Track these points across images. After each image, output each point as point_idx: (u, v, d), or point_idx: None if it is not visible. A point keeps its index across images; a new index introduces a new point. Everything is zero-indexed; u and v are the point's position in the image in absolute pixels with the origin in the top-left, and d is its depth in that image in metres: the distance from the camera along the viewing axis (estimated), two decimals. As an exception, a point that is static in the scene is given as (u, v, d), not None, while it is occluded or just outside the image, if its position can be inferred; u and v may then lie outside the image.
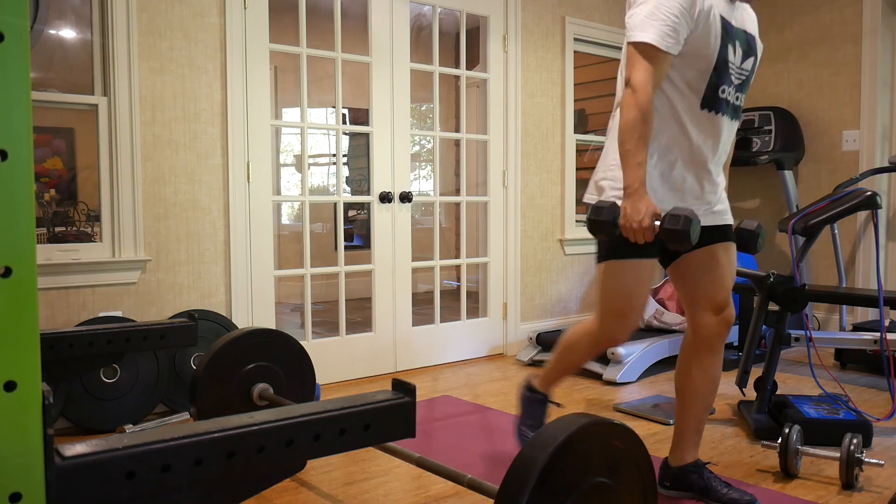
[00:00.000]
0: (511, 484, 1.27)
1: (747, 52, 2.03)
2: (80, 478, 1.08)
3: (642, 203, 1.84)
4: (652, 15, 1.87)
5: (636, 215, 1.84)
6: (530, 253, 4.38)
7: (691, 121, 1.98)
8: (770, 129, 4.59)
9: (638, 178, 1.86)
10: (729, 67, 1.97)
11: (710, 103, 1.97)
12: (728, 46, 1.95)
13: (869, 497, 2.20)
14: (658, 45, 1.86)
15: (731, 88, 2.00)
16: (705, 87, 1.95)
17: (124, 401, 2.88)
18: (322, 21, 4.60)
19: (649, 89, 1.87)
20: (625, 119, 1.88)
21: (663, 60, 1.89)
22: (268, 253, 3.37)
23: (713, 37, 1.91)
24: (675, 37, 1.87)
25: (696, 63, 1.93)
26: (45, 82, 3.50)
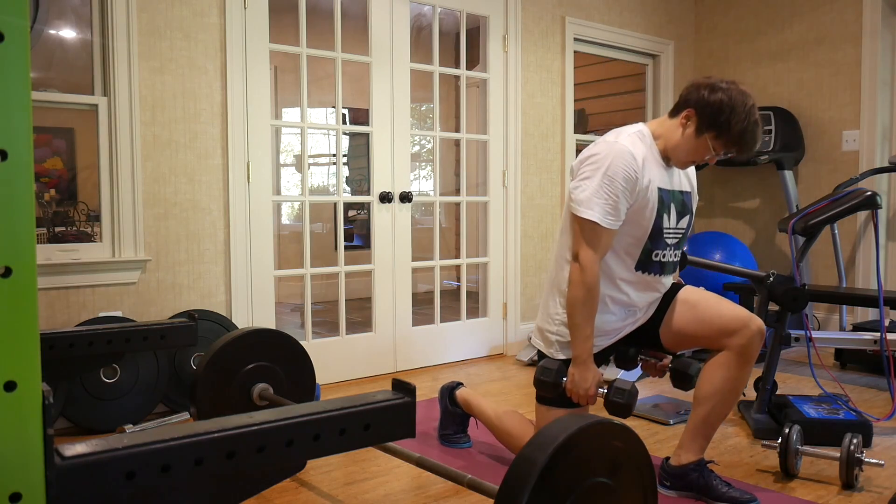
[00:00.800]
0: (511, 484, 1.27)
1: (682, 212, 2.19)
2: (80, 478, 1.08)
3: (589, 373, 2.06)
4: (597, 192, 2.02)
5: (583, 383, 2.06)
6: (530, 253, 4.38)
7: (626, 280, 2.15)
8: (770, 129, 4.59)
9: (586, 350, 2.06)
10: (664, 233, 2.13)
11: (644, 266, 2.14)
12: (663, 216, 2.11)
13: (869, 497, 2.20)
14: (602, 224, 2.02)
15: (665, 251, 2.15)
16: (640, 253, 2.12)
17: (124, 401, 2.88)
18: (322, 21, 4.60)
19: (596, 268, 2.05)
20: (572, 294, 2.06)
21: (607, 236, 2.06)
22: (268, 253, 3.37)
23: (649, 210, 2.08)
24: (615, 215, 2.04)
25: (633, 231, 2.10)
26: (45, 82, 3.50)
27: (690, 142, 2.09)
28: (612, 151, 2.03)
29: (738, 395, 2.14)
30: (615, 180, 2.01)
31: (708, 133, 2.06)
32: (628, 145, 2.05)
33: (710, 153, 2.09)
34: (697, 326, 2.14)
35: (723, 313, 2.10)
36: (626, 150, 2.03)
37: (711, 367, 2.12)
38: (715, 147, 2.07)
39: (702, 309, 2.14)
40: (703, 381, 2.14)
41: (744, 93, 2.05)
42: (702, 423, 2.14)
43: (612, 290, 2.15)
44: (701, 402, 2.14)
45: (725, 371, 2.09)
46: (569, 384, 2.08)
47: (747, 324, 2.06)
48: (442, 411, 2.67)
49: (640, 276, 2.14)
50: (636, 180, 2.02)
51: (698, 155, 2.11)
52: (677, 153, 2.12)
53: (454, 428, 2.65)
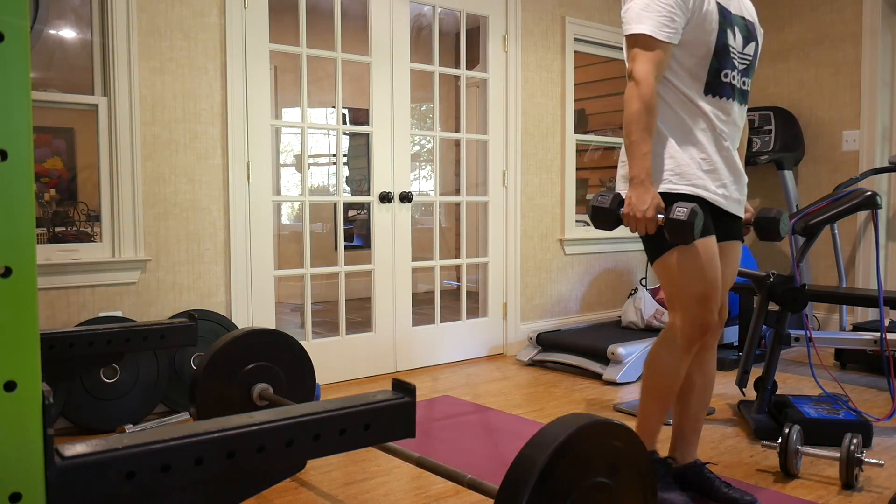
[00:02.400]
0: (511, 484, 1.27)
1: (748, 37, 2.02)
2: (80, 478, 1.08)
3: (648, 194, 1.85)
4: (647, 7, 1.88)
5: (641, 205, 1.85)
6: (530, 253, 4.38)
7: (699, 106, 1.96)
8: (770, 129, 4.59)
9: (644, 169, 1.86)
10: (730, 52, 1.96)
11: (714, 89, 1.96)
12: (727, 31, 1.95)
13: (869, 497, 2.20)
14: (656, 36, 1.87)
15: (734, 73, 1.99)
16: (707, 74, 1.95)
17: (124, 401, 2.88)
18: (322, 21, 4.60)
19: (651, 80, 1.87)
20: (629, 111, 1.88)
21: (663, 50, 1.89)
22: (268, 253, 3.37)
23: (711, 23, 1.91)
24: (672, 26, 1.88)
25: (696, 50, 1.93)
26: (45, 82, 3.50)
27: None
28: None
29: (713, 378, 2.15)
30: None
31: None
32: None
33: None
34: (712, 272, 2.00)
35: None
36: None
37: None
38: None
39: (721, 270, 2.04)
40: None
41: None
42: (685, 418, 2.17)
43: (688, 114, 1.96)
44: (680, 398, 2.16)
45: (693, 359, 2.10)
46: (626, 207, 1.88)
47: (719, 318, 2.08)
48: None
49: (711, 101, 1.97)
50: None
51: None
52: None
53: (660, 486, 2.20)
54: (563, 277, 4.56)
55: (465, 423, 2.93)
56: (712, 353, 2.15)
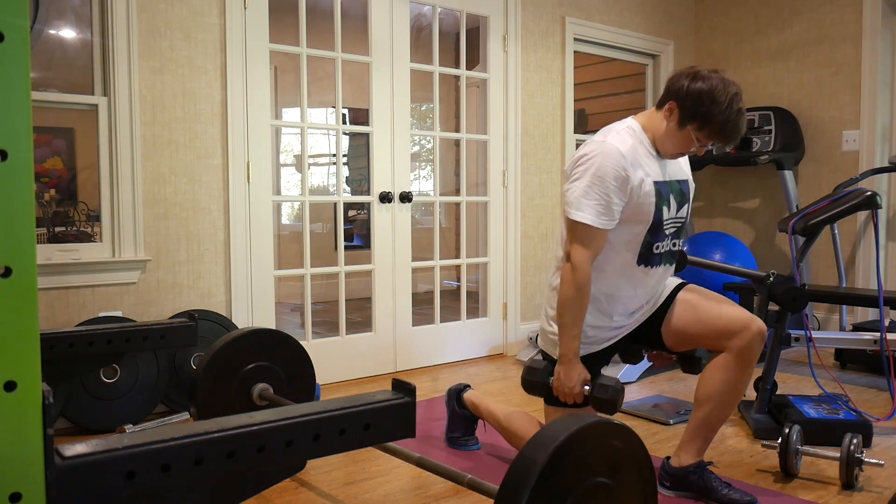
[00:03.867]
0: (511, 484, 1.27)
1: (681, 201, 2.16)
2: (80, 478, 1.08)
3: (574, 371, 2.04)
4: (586, 194, 2.00)
5: (569, 382, 2.05)
6: (530, 253, 4.38)
7: (627, 275, 2.13)
8: (770, 129, 4.59)
9: (572, 349, 2.05)
10: (663, 225, 2.10)
11: (646, 260, 2.12)
12: (662, 208, 2.08)
13: (869, 497, 2.20)
14: (594, 225, 2.00)
15: (665, 242, 2.14)
16: (640, 247, 2.10)
17: (124, 401, 2.88)
18: (322, 21, 4.60)
19: (587, 267, 2.03)
20: (563, 295, 2.05)
21: (600, 237, 2.04)
22: (268, 253, 3.37)
23: (647, 205, 2.04)
24: (608, 214, 2.01)
25: (632, 227, 2.08)
26: (45, 82, 3.50)
27: (675, 134, 2.05)
28: (601, 151, 2.00)
29: (739, 397, 2.12)
30: (605, 180, 1.98)
31: (690, 125, 2.01)
32: (617, 144, 2.02)
33: (694, 144, 2.05)
34: (698, 327, 2.13)
35: (723, 314, 2.09)
36: (614, 150, 2.00)
37: (711, 369, 2.11)
38: (699, 138, 2.03)
39: (703, 309, 2.13)
40: (703, 383, 2.13)
41: (726, 81, 1.98)
42: (702, 424, 2.14)
43: (614, 287, 2.13)
44: (701, 404, 2.13)
45: (725, 373, 2.08)
46: (555, 382, 2.08)
47: (748, 325, 2.05)
48: (449, 414, 2.66)
49: (642, 270, 2.13)
50: (627, 178, 1.99)
51: (684, 146, 2.07)
52: (664, 145, 2.09)
53: (462, 430, 2.64)
54: (563, 277, 4.55)
55: (465, 423, 2.93)
56: (751, 371, 2.12)
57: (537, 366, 2.16)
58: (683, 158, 2.25)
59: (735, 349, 2.06)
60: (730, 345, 2.07)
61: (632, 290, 2.14)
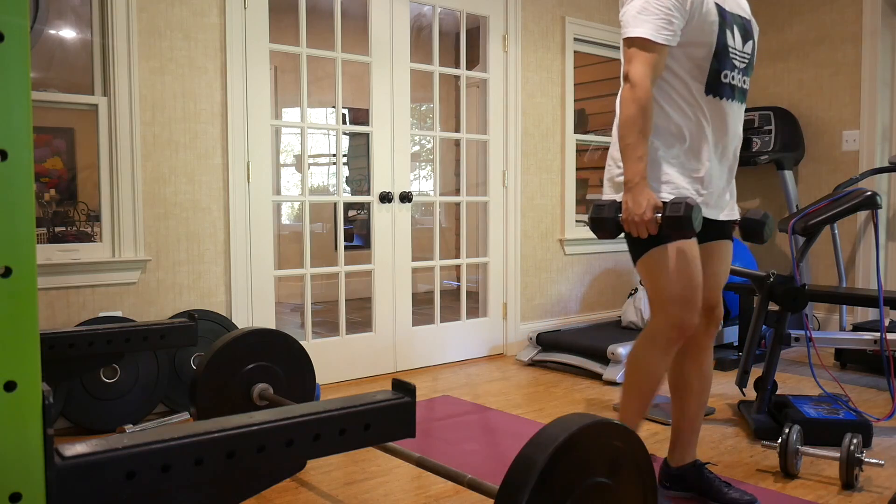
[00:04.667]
0: (511, 484, 1.27)
1: (745, 35, 2.03)
2: (80, 478, 1.08)
3: (643, 196, 1.85)
4: (644, 10, 1.88)
5: (637, 209, 1.85)
6: (530, 253, 4.38)
7: (698, 107, 1.96)
8: (770, 129, 4.59)
9: (638, 173, 1.86)
10: (730, 52, 1.97)
11: (715, 89, 1.96)
12: (727, 32, 1.95)
13: (869, 497, 2.20)
14: (653, 39, 1.87)
15: (734, 73, 1.99)
16: (707, 74, 1.95)
17: (124, 401, 2.88)
18: (322, 21, 4.60)
19: (647, 84, 1.87)
20: (624, 114, 1.88)
21: (660, 53, 1.89)
22: (268, 253, 3.37)
23: (710, 24, 1.92)
24: (670, 29, 1.88)
25: (697, 51, 1.93)
26: (45, 82, 3.50)
27: None
28: None
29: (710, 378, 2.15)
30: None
31: None
32: None
33: None
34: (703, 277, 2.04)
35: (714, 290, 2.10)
36: None
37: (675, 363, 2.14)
38: None
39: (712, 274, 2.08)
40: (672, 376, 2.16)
41: None
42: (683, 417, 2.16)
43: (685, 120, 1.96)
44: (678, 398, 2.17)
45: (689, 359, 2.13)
46: (623, 212, 1.88)
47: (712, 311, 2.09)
48: None
49: (711, 102, 1.96)
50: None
51: None
52: None
53: None
54: (563, 277, 4.56)
55: (465, 423, 2.93)
56: (709, 354, 2.15)
57: (602, 205, 1.94)
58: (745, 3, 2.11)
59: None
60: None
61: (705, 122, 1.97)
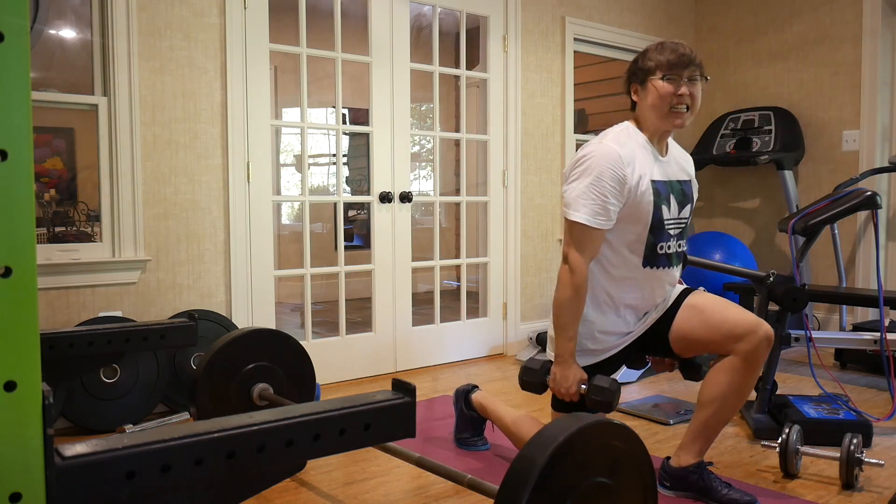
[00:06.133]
0: (511, 484, 1.27)
1: (682, 201, 2.18)
2: (80, 478, 1.08)
3: (570, 371, 2.07)
4: (583, 194, 2.03)
5: (564, 382, 2.08)
6: (530, 253, 4.38)
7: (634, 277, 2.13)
8: (770, 129, 4.59)
9: (568, 350, 2.07)
10: (665, 225, 2.11)
11: (651, 261, 2.13)
12: (662, 207, 2.10)
13: (869, 497, 2.20)
14: (590, 225, 2.03)
15: (670, 242, 2.15)
16: (644, 248, 2.11)
17: (124, 401, 2.88)
18: (322, 21, 4.60)
19: (583, 269, 2.06)
20: (560, 296, 2.07)
21: (596, 237, 2.06)
22: (268, 253, 3.37)
23: (645, 204, 2.07)
24: (605, 214, 2.03)
25: (633, 228, 2.09)
26: (45, 82, 3.50)
27: (646, 101, 2.11)
28: (598, 153, 2.04)
29: (742, 400, 2.11)
30: (602, 180, 2.01)
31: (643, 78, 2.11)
32: (614, 145, 2.05)
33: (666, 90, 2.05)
34: (705, 332, 2.11)
35: (729, 318, 2.07)
36: (611, 150, 2.03)
37: (717, 371, 2.10)
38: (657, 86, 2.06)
39: (709, 314, 2.12)
40: (708, 385, 2.12)
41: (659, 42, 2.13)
42: (703, 426, 2.13)
43: (622, 290, 2.14)
44: (704, 406, 2.12)
45: (730, 376, 2.07)
46: (551, 383, 2.12)
47: (755, 329, 2.04)
48: (457, 415, 2.66)
49: (648, 273, 2.13)
50: (624, 178, 2.02)
51: (663, 104, 2.07)
52: (654, 124, 2.11)
53: (470, 431, 2.64)
54: (563, 277, 4.55)
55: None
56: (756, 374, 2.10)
57: (534, 366, 2.19)
58: (687, 160, 2.27)
59: (742, 353, 2.05)
60: (736, 348, 2.06)
61: (639, 292, 2.15)
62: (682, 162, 2.25)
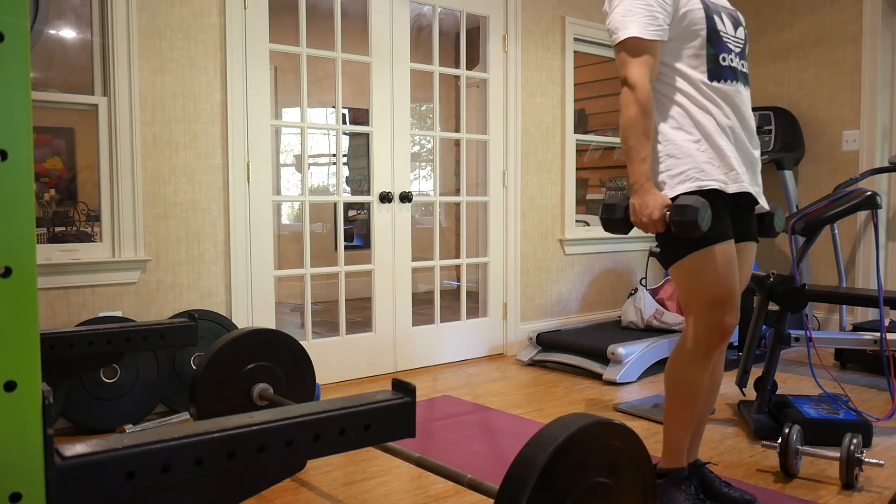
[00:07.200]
0: (511, 484, 1.27)
1: (735, 22, 2.05)
2: (80, 478, 1.08)
3: (649, 197, 1.88)
4: (628, 12, 1.92)
5: (645, 209, 1.88)
6: (530, 253, 4.38)
7: (706, 95, 1.96)
8: (770, 129, 4.59)
9: (643, 174, 1.89)
10: (722, 36, 1.98)
11: (718, 73, 1.96)
12: (714, 18, 1.97)
13: (869, 497, 2.20)
14: (643, 36, 1.90)
15: (731, 56, 1.99)
16: (707, 61, 1.96)
17: (124, 401, 2.88)
18: (322, 21, 4.60)
19: (646, 84, 1.90)
20: (626, 116, 1.91)
21: (653, 50, 1.91)
22: (268, 253, 3.37)
23: (696, 14, 1.94)
24: (656, 23, 1.90)
25: (690, 41, 1.95)
26: (45, 82, 3.50)
27: None
28: None
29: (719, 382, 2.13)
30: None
31: None
32: None
33: None
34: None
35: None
36: None
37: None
38: None
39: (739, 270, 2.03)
40: None
41: None
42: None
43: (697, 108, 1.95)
44: None
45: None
46: (632, 213, 1.92)
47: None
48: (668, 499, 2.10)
49: (717, 88, 1.96)
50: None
51: None
52: None
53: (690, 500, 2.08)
54: (563, 277, 4.56)
55: (465, 423, 2.93)
56: (721, 356, 2.13)
57: (613, 201, 1.98)
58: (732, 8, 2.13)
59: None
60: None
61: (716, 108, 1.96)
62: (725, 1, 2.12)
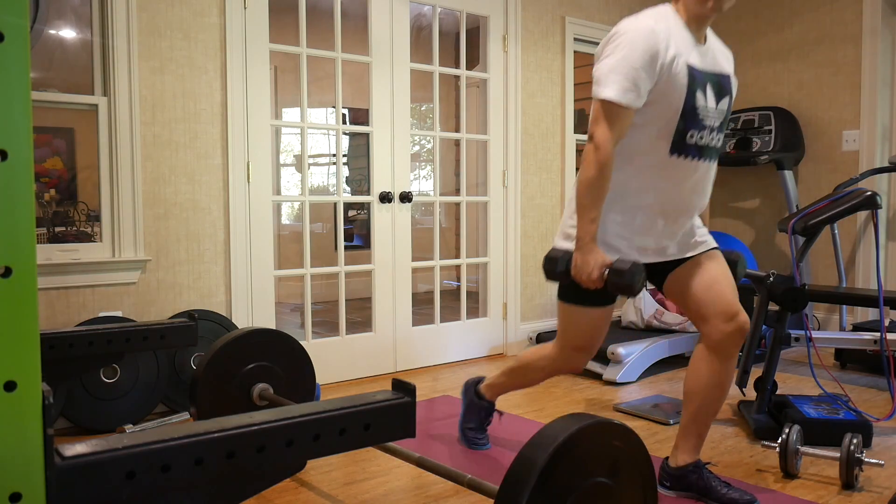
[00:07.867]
0: (511, 484, 1.27)
1: (719, 93, 2.05)
2: (80, 478, 1.08)
3: (591, 256, 1.97)
4: (614, 69, 1.92)
5: (586, 267, 1.98)
6: (530, 253, 4.38)
7: (661, 166, 2.01)
8: (770, 129, 4.59)
9: (589, 233, 1.98)
10: (698, 113, 1.99)
11: (679, 148, 2.00)
12: (696, 93, 1.98)
13: (869, 497, 2.20)
14: (619, 101, 1.92)
15: (702, 132, 2.02)
16: (674, 134, 1.99)
17: (124, 401, 2.88)
18: (322, 21, 4.60)
19: (609, 147, 1.94)
20: (585, 175, 1.96)
21: (624, 116, 1.94)
22: (268, 253, 3.37)
23: (678, 87, 1.95)
24: (635, 91, 1.92)
25: (664, 112, 1.97)
26: (45, 82, 3.50)
27: None
28: (631, 27, 1.93)
29: (724, 389, 2.13)
30: (634, 55, 1.89)
31: None
32: (649, 20, 1.95)
33: None
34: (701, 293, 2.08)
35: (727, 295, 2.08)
36: (645, 25, 1.93)
37: (696, 361, 2.13)
38: None
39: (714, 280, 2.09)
40: (689, 377, 2.14)
41: None
42: (692, 420, 2.14)
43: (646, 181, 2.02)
44: (689, 399, 2.14)
45: (709, 365, 2.09)
46: (573, 269, 2.01)
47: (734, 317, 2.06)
48: (465, 405, 2.66)
49: (674, 162, 2.00)
50: (657, 54, 1.90)
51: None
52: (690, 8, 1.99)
53: (476, 422, 2.63)
54: (563, 277, 4.56)
55: (465, 423, 2.93)
56: (730, 362, 2.11)
57: (555, 254, 2.07)
58: (727, 55, 2.15)
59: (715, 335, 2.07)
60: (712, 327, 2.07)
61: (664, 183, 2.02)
62: (722, 55, 2.13)
